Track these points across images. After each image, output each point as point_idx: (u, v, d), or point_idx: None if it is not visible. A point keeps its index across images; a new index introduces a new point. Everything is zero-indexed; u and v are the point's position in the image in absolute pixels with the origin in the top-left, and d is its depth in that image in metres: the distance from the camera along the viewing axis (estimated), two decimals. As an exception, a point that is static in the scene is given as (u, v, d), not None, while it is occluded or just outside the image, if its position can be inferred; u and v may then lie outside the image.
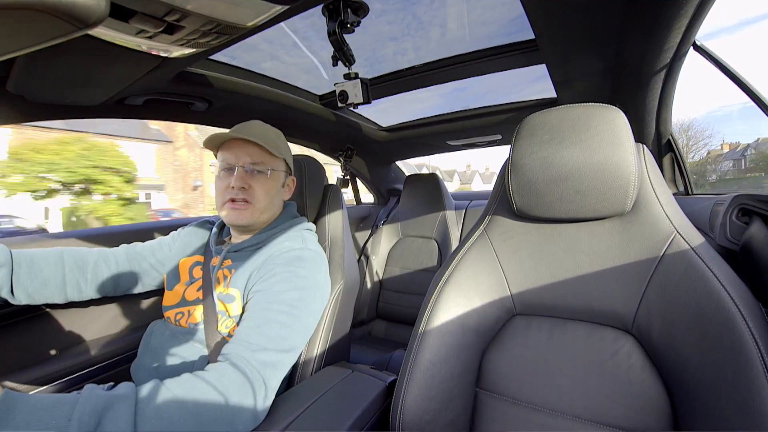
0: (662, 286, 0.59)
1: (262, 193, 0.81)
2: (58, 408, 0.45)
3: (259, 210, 0.81)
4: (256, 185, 0.80)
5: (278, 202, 0.87)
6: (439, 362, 0.69)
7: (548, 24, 0.73)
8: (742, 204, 0.71)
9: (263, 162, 0.81)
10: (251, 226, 0.83)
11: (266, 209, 0.83)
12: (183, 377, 0.56)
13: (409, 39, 1.14)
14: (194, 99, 1.10)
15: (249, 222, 0.81)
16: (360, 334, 1.93)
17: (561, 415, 0.63)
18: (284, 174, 0.88)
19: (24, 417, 0.42)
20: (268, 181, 0.82)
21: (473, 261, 0.76)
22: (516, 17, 0.90)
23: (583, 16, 0.69)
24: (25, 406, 0.43)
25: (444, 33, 1.12)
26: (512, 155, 0.74)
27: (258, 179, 0.81)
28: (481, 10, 1.01)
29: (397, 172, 2.44)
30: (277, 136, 0.87)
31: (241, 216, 0.80)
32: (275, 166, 0.84)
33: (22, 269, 0.74)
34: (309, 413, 0.63)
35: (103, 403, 0.46)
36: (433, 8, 1.04)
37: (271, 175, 0.82)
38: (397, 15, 1.04)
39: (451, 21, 1.06)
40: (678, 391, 0.55)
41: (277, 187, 0.85)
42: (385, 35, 1.12)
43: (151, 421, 0.48)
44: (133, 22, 0.54)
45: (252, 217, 0.81)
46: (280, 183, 0.86)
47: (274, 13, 0.62)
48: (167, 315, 0.84)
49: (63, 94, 0.86)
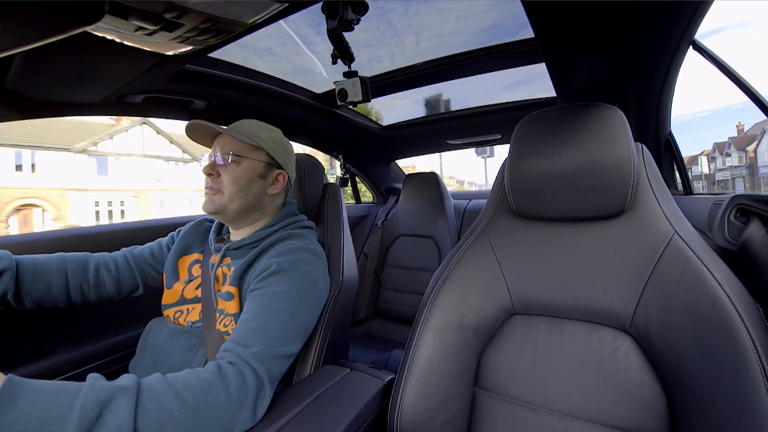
0: (660, 286, 0.60)
1: (229, 179, 0.81)
2: (60, 396, 0.45)
3: (228, 197, 0.81)
4: (224, 172, 0.81)
5: (255, 192, 0.84)
6: (437, 361, 0.69)
7: (548, 23, 0.73)
8: (741, 204, 0.71)
9: (232, 151, 0.82)
10: (222, 214, 0.82)
11: (235, 196, 0.81)
12: (184, 373, 0.56)
13: (409, 38, 1.14)
14: (193, 97, 1.10)
15: (216, 208, 0.81)
16: (359, 333, 1.93)
17: (559, 414, 0.63)
18: (263, 164, 0.85)
19: (27, 403, 0.42)
20: (237, 169, 0.82)
21: (472, 260, 0.76)
22: (515, 16, 0.90)
23: (583, 15, 0.69)
24: (28, 392, 0.43)
25: (449, 34, 1.12)
26: (511, 154, 0.74)
27: (226, 167, 0.81)
28: (481, 9, 1.01)
29: (397, 171, 2.44)
30: (261, 129, 0.87)
31: (209, 202, 0.81)
32: (247, 154, 0.83)
33: (26, 274, 0.74)
34: (307, 412, 0.63)
35: (106, 393, 0.47)
36: (433, 8, 1.04)
37: (238, 161, 0.82)
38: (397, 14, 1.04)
39: (450, 20, 1.06)
40: (675, 391, 0.56)
41: (249, 176, 0.83)
42: (384, 33, 1.12)
43: (152, 414, 0.48)
44: (132, 19, 0.54)
45: (220, 203, 0.80)
46: (255, 172, 0.84)
47: (273, 10, 0.62)
48: (166, 313, 0.84)
49: (62, 91, 0.85)
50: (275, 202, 0.90)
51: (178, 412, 0.50)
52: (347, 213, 1.05)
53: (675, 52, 0.81)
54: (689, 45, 0.80)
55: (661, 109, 1.07)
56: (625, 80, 0.97)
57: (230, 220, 0.86)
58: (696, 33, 0.76)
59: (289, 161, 0.91)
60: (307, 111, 1.41)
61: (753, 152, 26.86)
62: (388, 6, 0.97)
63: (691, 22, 0.71)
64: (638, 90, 1.00)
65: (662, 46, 0.79)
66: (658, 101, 1.03)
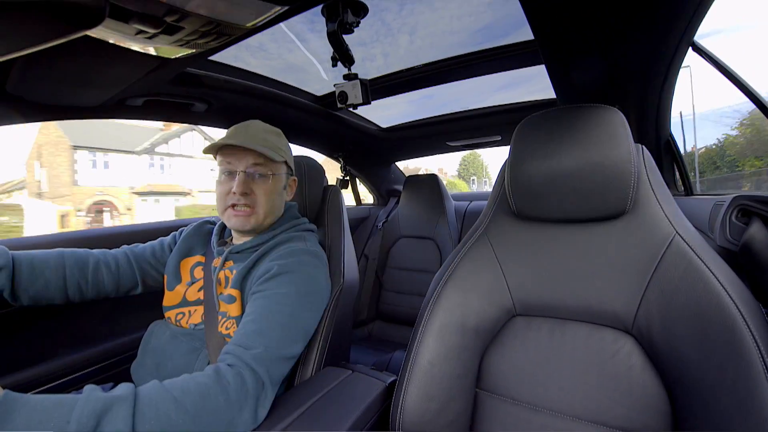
0: (662, 287, 0.59)
1: (265, 198, 0.81)
2: (57, 409, 0.45)
3: (263, 215, 0.81)
4: (258, 190, 0.80)
5: (280, 204, 0.87)
6: (439, 363, 0.69)
7: (548, 25, 0.73)
8: (742, 205, 0.71)
9: (265, 165, 0.81)
10: (255, 231, 0.84)
11: (269, 213, 0.83)
12: (182, 378, 0.56)
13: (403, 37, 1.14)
14: (194, 100, 1.10)
15: (253, 227, 0.81)
16: (360, 335, 1.93)
17: (561, 415, 0.63)
18: (285, 176, 0.87)
19: (23, 418, 0.42)
20: (270, 185, 0.82)
21: (473, 262, 0.76)
22: (518, 19, 0.90)
23: (583, 17, 0.69)
24: (24, 407, 0.43)
25: (443, 33, 1.12)
26: (511, 156, 0.74)
27: (260, 184, 0.81)
28: (476, 9, 1.01)
29: (397, 172, 2.44)
30: (278, 137, 0.87)
31: (244, 222, 0.80)
32: (277, 170, 0.83)
33: (23, 271, 0.73)
34: (309, 414, 0.63)
35: (102, 404, 0.47)
36: (428, 7, 1.04)
37: (272, 179, 0.82)
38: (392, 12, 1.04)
39: (444, 19, 1.06)
40: (678, 391, 0.55)
41: (279, 190, 0.85)
42: (378, 32, 1.11)
43: (150, 422, 0.48)
44: (133, 22, 0.54)
45: (256, 222, 0.81)
46: (282, 185, 0.86)
47: (273, 13, 0.62)
48: (168, 315, 0.83)
49: (62, 95, 0.86)
50: (282, 207, 0.91)
51: (176, 417, 0.50)
52: (347, 215, 1.05)
53: (675, 53, 0.81)
54: (689, 46, 0.81)
55: (661, 110, 1.07)
56: (625, 81, 0.97)
57: (252, 233, 0.85)
58: (695, 34, 0.76)
59: (293, 166, 0.93)
60: (308, 113, 1.42)
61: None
62: (383, 5, 0.96)
63: (690, 23, 0.71)
64: (638, 91, 1.00)
65: (662, 47, 0.79)
66: (658, 102, 1.03)
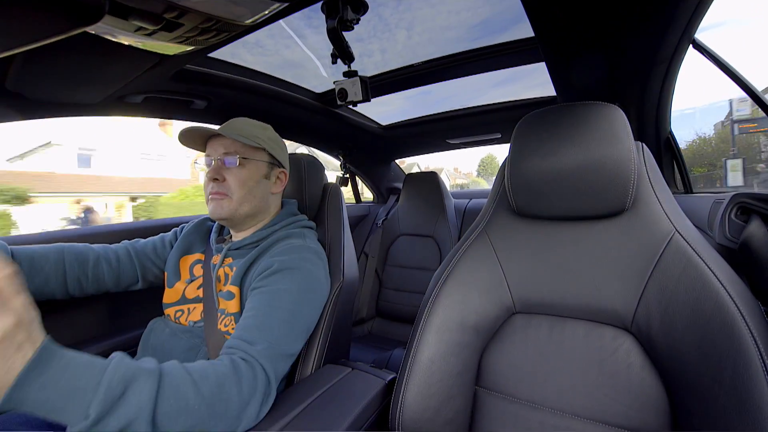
0: (661, 285, 0.60)
1: (236, 183, 0.80)
2: (89, 369, 0.45)
3: (236, 201, 0.80)
4: (229, 176, 0.80)
5: (262, 195, 0.85)
6: (438, 360, 0.69)
7: (548, 22, 0.73)
8: (741, 202, 0.72)
9: (236, 152, 0.80)
10: (232, 219, 0.82)
11: (244, 200, 0.81)
12: (200, 363, 0.56)
13: (401, 32, 1.13)
14: (193, 97, 1.10)
15: (228, 214, 0.80)
16: (360, 333, 1.93)
17: (560, 413, 0.63)
18: (266, 165, 0.86)
19: (56, 372, 0.43)
20: (243, 171, 0.81)
21: (473, 259, 0.76)
22: (516, 15, 0.90)
23: (583, 14, 0.69)
24: (60, 360, 0.44)
25: (440, 29, 1.12)
26: (511, 153, 0.74)
27: (232, 170, 0.80)
28: (474, 4, 1.01)
29: (397, 170, 2.44)
30: (261, 129, 0.86)
31: (217, 207, 0.80)
32: (251, 156, 0.82)
33: (22, 267, 0.73)
34: (308, 411, 0.63)
35: (132, 373, 0.47)
36: (426, 2, 1.03)
37: (244, 164, 0.81)
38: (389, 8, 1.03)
39: (442, 14, 1.06)
40: (677, 389, 0.56)
41: (256, 178, 0.83)
42: (375, 28, 1.11)
43: (169, 400, 0.49)
44: (132, 19, 0.54)
45: (230, 208, 0.80)
46: (260, 173, 0.84)
47: (273, 10, 0.62)
48: (167, 312, 0.84)
49: (62, 92, 0.85)
50: (277, 202, 0.91)
51: (194, 401, 0.51)
52: (347, 212, 1.05)
53: (675, 50, 0.81)
54: (689, 43, 0.80)
55: (661, 107, 1.07)
56: (625, 79, 0.97)
57: (237, 224, 0.85)
58: (696, 31, 0.76)
59: (285, 159, 0.92)
60: (308, 111, 1.41)
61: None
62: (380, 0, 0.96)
63: (691, 20, 0.71)
64: (638, 89, 1.00)
65: (662, 44, 0.79)
66: (658, 100, 1.03)
